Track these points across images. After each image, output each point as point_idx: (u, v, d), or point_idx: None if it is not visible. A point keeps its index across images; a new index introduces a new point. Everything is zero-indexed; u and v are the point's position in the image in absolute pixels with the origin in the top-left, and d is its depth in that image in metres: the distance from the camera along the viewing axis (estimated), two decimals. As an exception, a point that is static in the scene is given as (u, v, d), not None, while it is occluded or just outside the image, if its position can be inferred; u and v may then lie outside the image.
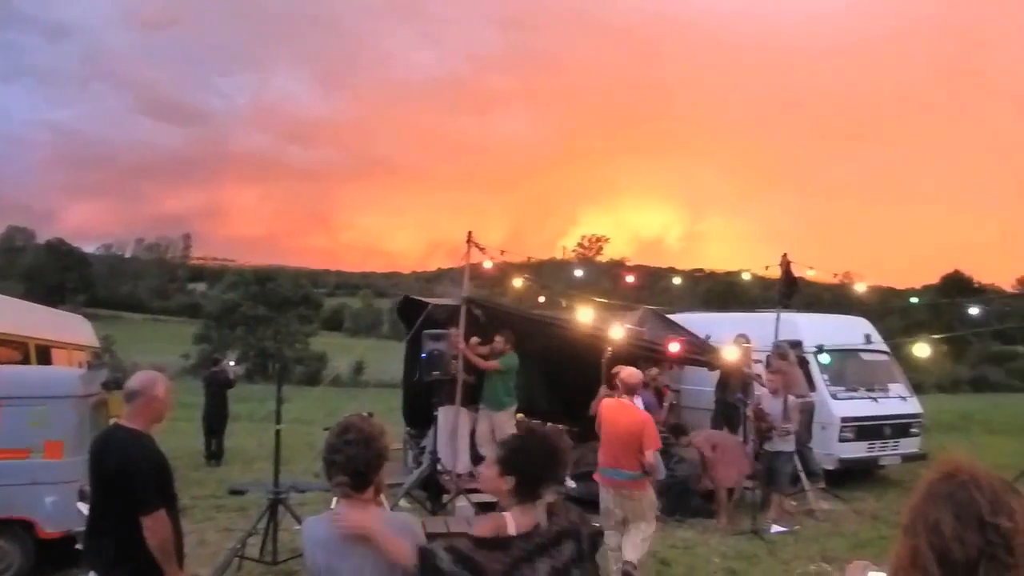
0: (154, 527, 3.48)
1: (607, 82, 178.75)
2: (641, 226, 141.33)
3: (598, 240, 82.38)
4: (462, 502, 8.71)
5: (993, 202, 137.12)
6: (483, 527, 2.39)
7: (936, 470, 1.54)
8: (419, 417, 10.89)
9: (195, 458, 12.81)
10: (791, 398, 9.05)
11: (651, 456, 6.36)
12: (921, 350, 9.61)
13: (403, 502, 8.80)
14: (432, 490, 9.22)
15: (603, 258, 76.95)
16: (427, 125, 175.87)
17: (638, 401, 7.53)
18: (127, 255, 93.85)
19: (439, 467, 9.25)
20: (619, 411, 6.66)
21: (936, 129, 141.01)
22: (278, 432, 7.40)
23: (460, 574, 2.24)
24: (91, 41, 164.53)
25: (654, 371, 10.46)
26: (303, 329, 45.41)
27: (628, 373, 6.85)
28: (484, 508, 7.12)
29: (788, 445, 8.99)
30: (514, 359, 9.72)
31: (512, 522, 2.34)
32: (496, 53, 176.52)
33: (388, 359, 24.86)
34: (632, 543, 6.49)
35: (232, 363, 17.08)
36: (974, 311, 11.56)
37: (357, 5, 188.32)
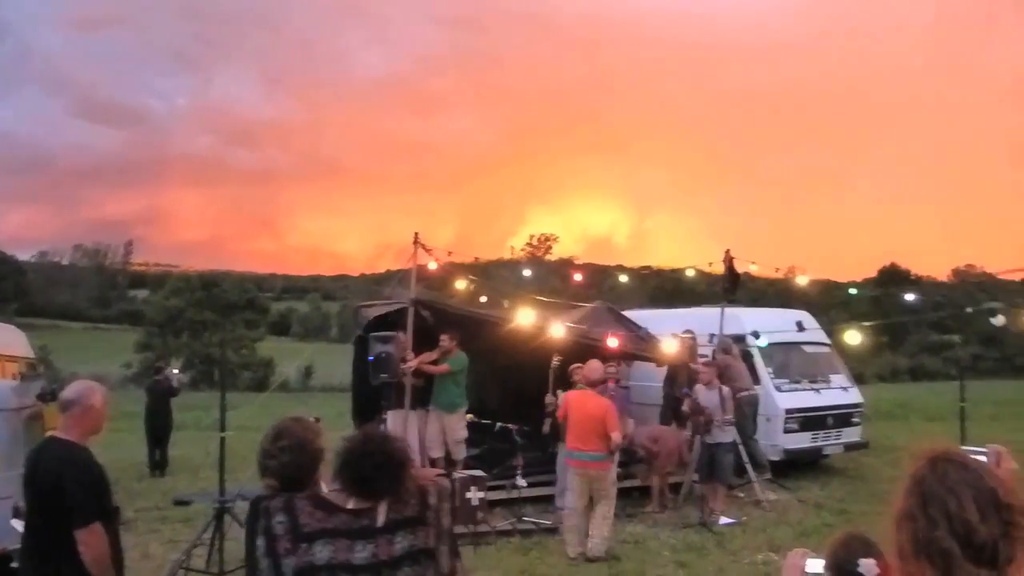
0: (88, 541, 3.38)
1: (553, 81, 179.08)
2: (589, 224, 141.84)
3: (547, 239, 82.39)
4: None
5: (928, 196, 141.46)
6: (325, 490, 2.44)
7: (927, 457, 1.58)
8: (369, 421, 10.79)
9: (139, 469, 12.51)
10: (725, 389, 9.20)
11: (617, 437, 7.43)
12: (852, 338, 9.94)
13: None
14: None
15: (552, 257, 77.15)
16: (374, 126, 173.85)
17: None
18: (64, 262, 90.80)
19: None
20: (584, 399, 7.65)
21: (873, 125, 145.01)
22: (223, 440, 7.28)
23: (276, 502, 2.25)
24: (23, 42, 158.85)
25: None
26: (249, 334, 44.62)
27: (591, 368, 7.75)
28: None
29: (728, 436, 9.13)
30: (463, 358, 9.63)
31: (352, 501, 2.32)
32: (441, 53, 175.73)
33: (337, 363, 24.59)
34: (597, 524, 7.47)
35: (176, 371, 16.70)
36: (910, 297, 11.96)
37: (302, 5, 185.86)
